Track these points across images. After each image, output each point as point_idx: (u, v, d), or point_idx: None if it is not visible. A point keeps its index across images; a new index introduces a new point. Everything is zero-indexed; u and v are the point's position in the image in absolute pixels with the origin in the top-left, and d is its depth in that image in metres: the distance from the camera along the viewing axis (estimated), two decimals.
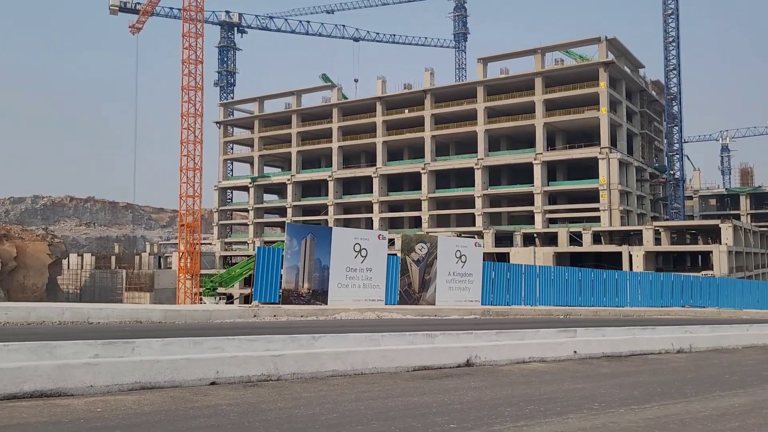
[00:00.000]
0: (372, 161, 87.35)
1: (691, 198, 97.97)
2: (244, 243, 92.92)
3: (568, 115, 72.05)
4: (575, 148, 72.88)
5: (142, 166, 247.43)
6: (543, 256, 61.06)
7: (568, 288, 32.40)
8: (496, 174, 78.53)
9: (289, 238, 24.36)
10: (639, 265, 55.72)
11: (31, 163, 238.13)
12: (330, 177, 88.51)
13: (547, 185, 72.79)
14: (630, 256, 57.21)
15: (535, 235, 68.72)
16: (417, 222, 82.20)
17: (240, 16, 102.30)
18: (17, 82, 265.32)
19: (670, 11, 72.40)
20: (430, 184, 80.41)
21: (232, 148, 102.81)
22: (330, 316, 22.22)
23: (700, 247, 63.11)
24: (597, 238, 64.42)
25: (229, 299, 69.77)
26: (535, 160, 72.70)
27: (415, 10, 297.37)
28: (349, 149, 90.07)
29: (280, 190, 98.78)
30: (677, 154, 74.79)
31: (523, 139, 78.88)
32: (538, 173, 72.29)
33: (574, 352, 12.05)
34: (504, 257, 59.11)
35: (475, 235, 63.40)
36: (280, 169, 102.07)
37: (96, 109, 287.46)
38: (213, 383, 7.72)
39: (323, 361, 8.72)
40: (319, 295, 24.45)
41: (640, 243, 60.16)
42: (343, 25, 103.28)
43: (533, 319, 24.24)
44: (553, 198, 74.72)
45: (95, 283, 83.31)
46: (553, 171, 74.77)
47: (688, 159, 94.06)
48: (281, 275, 23.80)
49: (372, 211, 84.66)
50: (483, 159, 76.32)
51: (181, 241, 58.70)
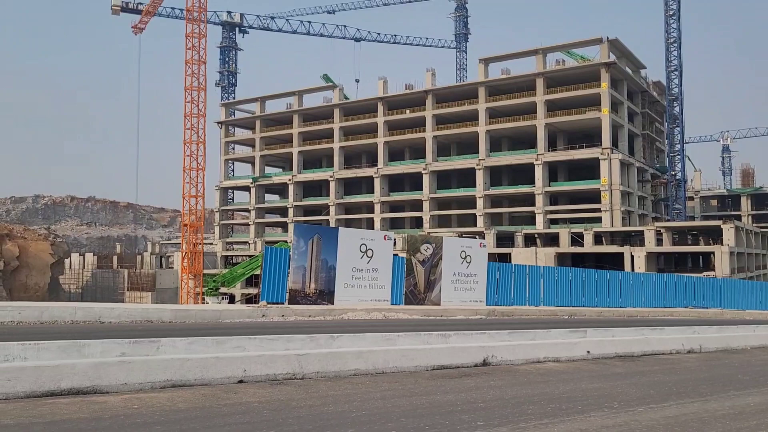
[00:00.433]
0: (373, 161, 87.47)
1: (692, 199, 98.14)
2: (245, 243, 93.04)
3: (570, 115, 72.21)
4: (576, 149, 73.06)
5: (143, 165, 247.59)
6: (544, 256, 61.19)
7: (572, 289, 32.48)
8: (497, 174, 78.68)
9: (296, 238, 24.46)
10: (640, 266, 55.86)
11: (33, 163, 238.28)
12: (331, 177, 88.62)
13: (549, 186, 72.94)
14: (632, 257, 57.37)
15: (536, 235, 68.84)
16: (418, 222, 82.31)
17: (241, 16, 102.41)
18: (18, 81, 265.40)
19: (671, 12, 72.56)
20: (431, 184, 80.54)
21: (234, 148, 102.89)
22: (337, 316, 22.33)
23: (702, 248, 63.26)
24: (598, 239, 64.55)
25: (231, 299, 69.99)
26: (536, 160, 72.86)
27: (416, 10, 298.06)
28: (350, 149, 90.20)
29: (281, 190, 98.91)
30: (678, 154, 74.98)
31: (525, 140, 79.02)
32: (539, 174, 72.45)
33: (588, 352, 12.19)
34: (505, 258, 59.19)
35: (477, 236, 63.54)
36: (281, 169, 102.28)
37: (96, 110, 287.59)
38: (240, 381, 7.86)
39: (346, 360, 8.86)
40: (326, 295, 24.53)
41: (642, 244, 60.28)
42: (345, 26, 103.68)
43: (539, 320, 24.35)
44: (554, 199, 74.85)
45: (97, 283, 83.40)
46: (554, 172, 74.91)
47: (689, 160, 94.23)
48: (288, 275, 23.94)
49: (373, 212, 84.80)
50: (484, 159, 76.45)
51: (183, 241, 58.79)
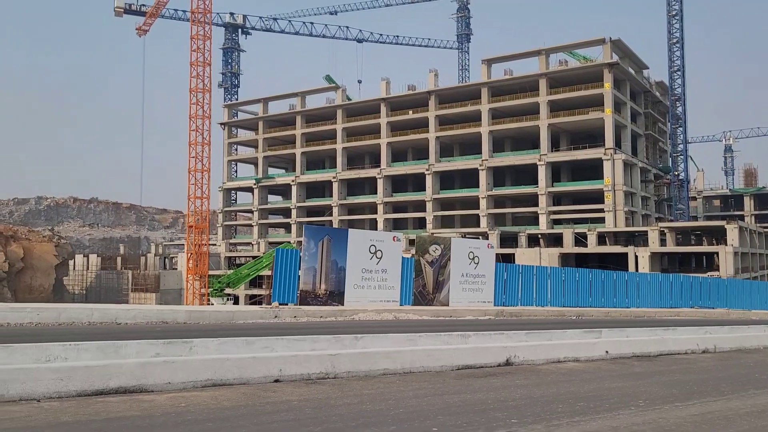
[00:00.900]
0: (376, 162, 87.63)
1: (695, 199, 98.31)
2: (249, 244, 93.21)
3: (573, 116, 72.33)
4: (579, 149, 73.19)
5: (145, 166, 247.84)
6: (548, 257, 61.32)
7: (579, 289, 32.66)
8: (500, 175, 78.84)
9: (306, 239, 24.65)
10: (644, 266, 56.02)
11: (35, 164, 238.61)
12: (334, 178, 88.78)
13: (552, 186, 73.09)
14: (636, 257, 57.52)
15: (539, 236, 68.94)
16: (421, 223, 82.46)
17: (244, 17, 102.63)
18: (20, 82, 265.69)
19: (674, 12, 72.79)
20: (434, 185, 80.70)
21: (237, 150, 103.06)
22: (348, 317, 22.53)
23: (706, 248, 63.42)
24: (602, 240, 64.71)
25: (236, 300, 70.21)
26: (539, 161, 73.01)
27: (418, 11, 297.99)
28: (353, 150, 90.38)
29: (284, 191, 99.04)
30: (681, 154, 75.20)
31: (528, 140, 79.15)
32: (542, 174, 72.60)
33: (606, 352, 12.38)
34: (509, 258, 59.30)
35: (480, 236, 63.70)
36: (284, 170, 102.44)
37: (97, 110, 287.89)
38: (276, 381, 8.06)
39: (375, 360, 9.06)
40: (336, 296, 24.72)
41: (645, 244, 60.44)
42: (347, 26, 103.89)
43: (548, 320, 24.52)
44: (557, 199, 74.99)
45: (101, 284, 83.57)
46: (557, 172, 75.06)
47: (692, 160, 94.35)
48: (299, 276, 24.13)
49: (376, 212, 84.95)
50: (487, 160, 76.63)
51: (188, 242, 58.95)
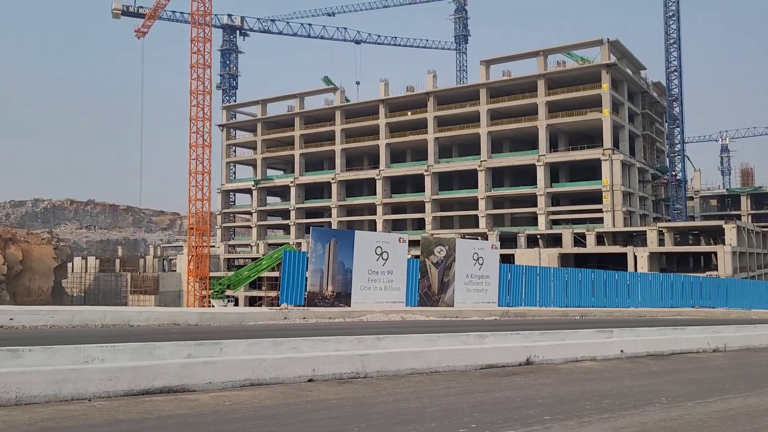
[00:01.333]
0: (375, 163, 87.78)
1: (692, 198, 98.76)
2: (248, 245, 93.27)
3: (571, 116, 72.62)
4: (578, 150, 73.50)
5: (143, 168, 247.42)
6: (548, 257, 61.58)
7: (581, 289, 32.93)
8: (499, 176, 79.09)
9: (313, 241, 24.81)
10: (643, 266, 56.34)
11: (32, 166, 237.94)
12: (333, 179, 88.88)
13: (550, 187, 73.38)
14: (635, 257, 57.85)
15: (538, 236, 69.19)
16: (420, 224, 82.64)
17: (242, 19, 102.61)
18: (18, 84, 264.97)
19: (671, 13, 73.15)
20: (433, 186, 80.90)
21: (235, 151, 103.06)
22: (357, 318, 22.72)
23: (705, 247, 63.79)
24: (600, 240, 65.03)
25: (236, 302, 70.23)
26: (537, 161, 73.30)
27: (416, 12, 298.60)
28: (352, 151, 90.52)
29: (283, 192, 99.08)
30: (678, 154, 75.56)
31: (526, 141, 79.47)
32: (541, 175, 72.88)
33: (621, 351, 12.59)
34: (508, 259, 59.51)
35: (479, 237, 63.96)
36: (283, 172, 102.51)
37: (97, 111, 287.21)
38: (310, 380, 8.23)
39: (403, 359, 9.25)
40: (343, 297, 24.89)
41: (644, 244, 60.76)
42: (345, 28, 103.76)
43: (553, 320, 24.75)
44: (556, 199, 75.27)
45: (100, 286, 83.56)
46: (555, 172, 75.35)
47: (689, 160, 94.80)
48: (306, 278, 24.30)
49: (375, 213, 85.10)
50: (486, 161, 76.89)
51: (189, 244, 59.00)
